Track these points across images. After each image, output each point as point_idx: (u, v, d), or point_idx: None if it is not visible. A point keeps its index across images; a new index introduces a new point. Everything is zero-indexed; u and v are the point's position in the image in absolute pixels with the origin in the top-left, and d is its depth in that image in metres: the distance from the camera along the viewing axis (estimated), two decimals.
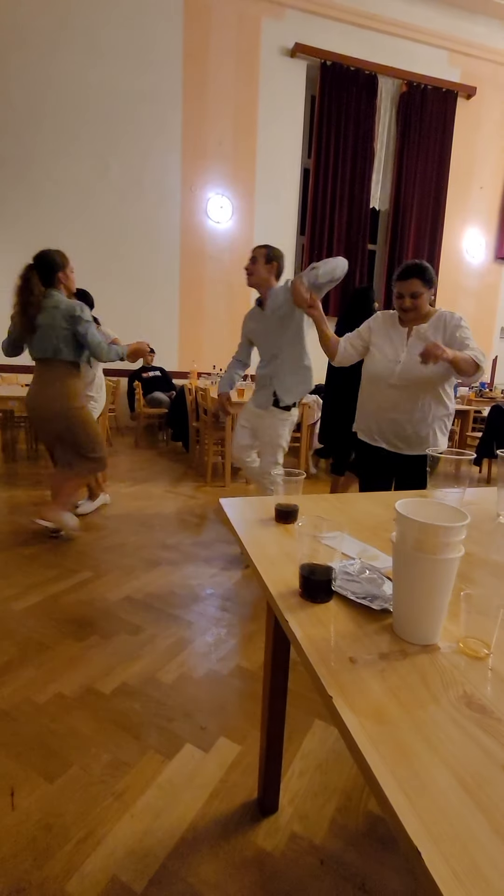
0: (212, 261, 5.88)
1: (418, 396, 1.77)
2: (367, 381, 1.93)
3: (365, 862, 1.01)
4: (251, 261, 2.29)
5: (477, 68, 6.42)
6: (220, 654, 1.68)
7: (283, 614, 0.62)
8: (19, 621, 1.83)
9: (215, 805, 1.12)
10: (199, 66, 5.48)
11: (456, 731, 0.43)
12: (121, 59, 5.22)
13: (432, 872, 0.30)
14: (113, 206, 5.46)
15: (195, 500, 3.43)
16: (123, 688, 1.49)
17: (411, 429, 1.80)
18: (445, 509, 0.62)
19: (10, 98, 5.01)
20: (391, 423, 1.83)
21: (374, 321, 1.95)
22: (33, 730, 1.31)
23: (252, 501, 1.07)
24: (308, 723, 1.38)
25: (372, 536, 0.91)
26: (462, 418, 4.53)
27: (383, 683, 0.49)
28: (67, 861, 0.98)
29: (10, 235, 5.16)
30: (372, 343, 1.91)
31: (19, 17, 4.90)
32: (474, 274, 7.01)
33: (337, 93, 5.83)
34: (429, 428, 1.80)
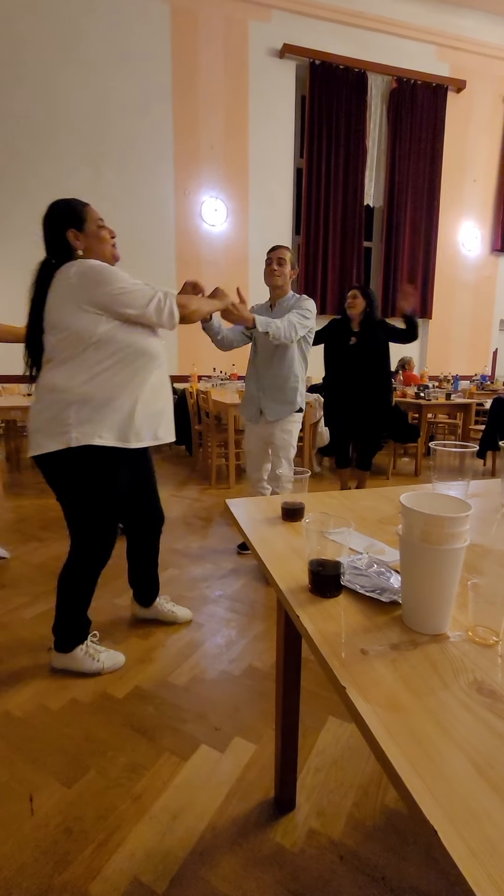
0: (208, 264, 5.90)
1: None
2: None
3: (384, 856, 1.01)
4: (278, 262, 2.25)
5: (466, 61, 6.43)
6: (232, 654, 1.69)
7: (294, 610, 0.63)
8: (30, 629, 1.84)
9: (233, 804, 1.12)
10: (189, 71, 5.51)
11: (468, 716, 0.43)
12: (110, 67, 5.26)
13: (449, 850, 0.31)
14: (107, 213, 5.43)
15: (200, 502, 3.44)
16: (137, 691, 1.50)
17: None
18: (449, 500, 0.62)
19: (3, 112, 5.05)
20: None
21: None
22: (49, 736, 1.32)
23: (258, 501, 1.08)
24: (322, 720, 1.38)
25: (378, 531, 0.92)
26: (464, 412, 4.53)
27: (395, 673, 0.50)
28: (89, 864, 0.99)
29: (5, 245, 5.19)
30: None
31: (9, 31, 4.95)
32: (471, 267, 7.01)
33: (327, 92, 5.85)
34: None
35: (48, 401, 1.43)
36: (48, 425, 1.42)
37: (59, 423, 1.41)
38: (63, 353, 1.42)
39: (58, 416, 1.41)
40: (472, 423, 4.51)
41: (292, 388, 2.28)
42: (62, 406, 1.41)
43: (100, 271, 1.38)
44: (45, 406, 1.43)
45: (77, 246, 1.46)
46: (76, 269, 1.37)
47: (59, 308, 1.39)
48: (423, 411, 4.27)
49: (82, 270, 1.38)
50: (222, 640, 1.78)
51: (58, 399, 1.41)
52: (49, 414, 1.42)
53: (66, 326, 1.39)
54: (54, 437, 1.41)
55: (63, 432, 1.41)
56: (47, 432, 1.42)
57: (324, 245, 6.14)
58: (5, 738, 1.31)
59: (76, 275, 1.37)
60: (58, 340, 1.41)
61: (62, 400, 1.41)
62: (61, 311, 1.38)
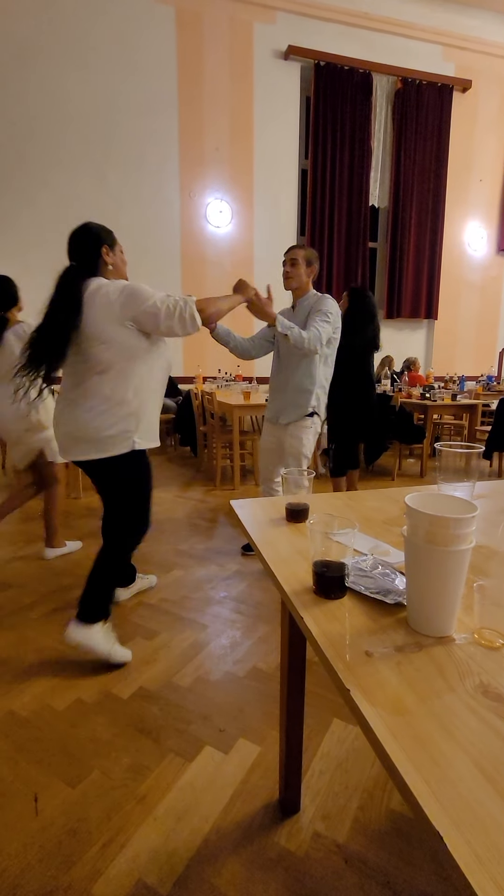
0: (213, 266, 5.91)
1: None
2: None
3: (389, 859, 1.00)
4: (291, 263, 2.17)
5: (471, 61, 6.40)
6: (236, 656, 1.69)
7: (298, 611, 0.62)
8: (36, 629, 1.85)
9: (237, 806, 1.12)
10: (194, 74, 5.53)
11: (473, 720, 0.43)
12: (115, 71, 5.29)
13: (455, 856, 0.30)
14: (113, 215, 5.52)
15: (205, 504, 3.44)
16: (141, 692, 1.50)
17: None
18: (455, 501, 0.62)
19: (9, 114, 5.09)
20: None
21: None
22: (54, 736, 1.32)
23: (263, 502, 1.07)
24: (327, 722, 1.37)
25: (383, 532, 0.91)
26: (470, 412, 4.50)
27: (400, 675, 0.50)
28: (93, 865, 0.99)
29: (10, 247, 5.23)
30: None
31: (15, 37, 4.99)
32: (477, 267, 6.97)
33: (332, 93, 5.85)
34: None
35: (104, 409, 1.56)
36: (105, 431, 1.55)
37: (121, 429, 1.57)
38: (114, 365, 1.54)
39: (117, 424, 1.56)
40: (478, 424, 4.48)
41: (307, 392, 2.19)
42: (123, 415, 1.57)
43: (137, 289, 1.52)
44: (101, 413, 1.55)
45: (108, 261, 1.63)
46: (119, 289, 1.52)
47: (102, 323, 1.50)
48: (428, 412, 4.24)
49: (126, 291, 1.51)
50: (227, 642, 1.77)
51: (115, 408, 1.56)
52: (107, 420, 1.55)
53: (110, 339, 1.51)
54: (117, 442, 1.57)
55: (126, 438, 1.58)
56: (105, 438, 1.56)
57: (328, 246, 6.13)
58: (10, 738, 1.31)
59: (120, 295, 1.50)
60: (104, 351, 1.52)
61: (121, 409, 1.56)
62: (105, 326, 1.50)
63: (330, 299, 2.17)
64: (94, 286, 1.53)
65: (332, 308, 2.14)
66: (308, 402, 2.20)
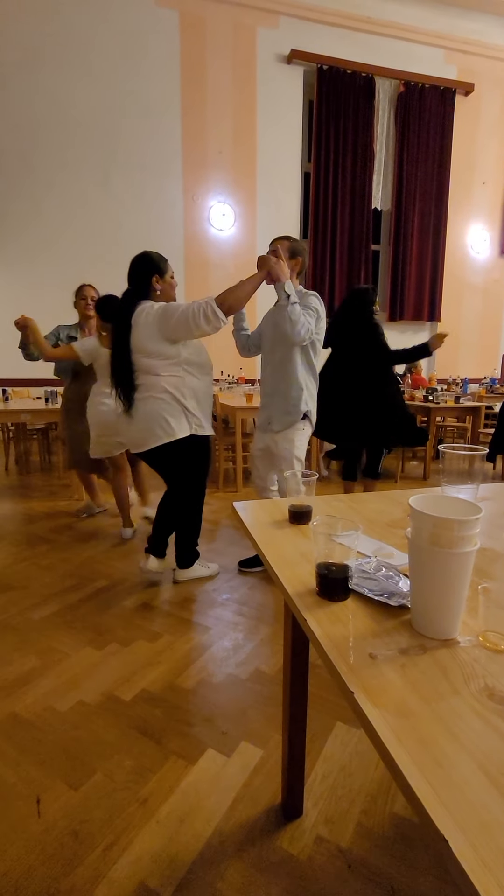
0: (216, 268, 5.93)
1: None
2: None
3: (393, 865, 1.00)
4: (272, 253, 2.06)
5: (474, 65, 6.42)
6: (239, 658, 1.68)
7: (302, 613, 0.62)
8: (39, 630, 1.85)
9: (240, 809, 1.12)
10: (197, 78, 5.56)
11: (479, 723, 0.43)
12: (119, 75, 5.32)
13: (460, 860, 0.30)
14: (117, 218, 5.55)
15: (208, 506, 3.42)
16: (144, 694, 1.50)
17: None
18: (459, 503, 0.62)
19: (14, 118, 5.13)
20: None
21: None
22: (56, 737, 1.32)
23: (265, 504, 1.07)
24: (329, 725, 1.37)
25: (386, 535, 0.91)
26: (474, 415, 4.50)
27: (404, 678, 0.49)
28: (95, 868, 0.99)
29: (15, 249, 5.26)
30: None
31: (20, 43, 5.03)
32: (479, 270, 6.97)
33: (334, 96, 5.87)
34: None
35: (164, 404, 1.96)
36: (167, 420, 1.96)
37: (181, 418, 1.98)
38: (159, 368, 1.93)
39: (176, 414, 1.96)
40: (481, 427, 4.47)
41: (295, 397, 2.11)
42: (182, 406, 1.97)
43: (166, 310, 1.86)
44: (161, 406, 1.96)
45: (156, 288, 1.96)
46: (151, 313, 1.87)
47: (144, 340, 1.88)
48: (431, 414, 4.24)
49: (156, 313, 1.87)
50: (229, 644, 1.77)
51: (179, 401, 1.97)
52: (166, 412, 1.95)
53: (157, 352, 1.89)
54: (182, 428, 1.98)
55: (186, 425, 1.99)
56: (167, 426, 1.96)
57: (331, 249, 6.14)
58: (13, 740, 1.31)
59: (153, 318, 1.86)
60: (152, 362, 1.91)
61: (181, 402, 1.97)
62: (146, 342, 1.88)
63: (314, 296, 2.06)
64: (139, 309, 1.89)
65: (318, 305, 2.04)
66: (298, 408, 2.12)
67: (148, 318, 1.86)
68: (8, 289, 5.24)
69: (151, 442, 1.97)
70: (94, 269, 5.22)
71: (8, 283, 5.25)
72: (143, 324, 1.87)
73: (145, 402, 1.95)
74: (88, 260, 5.25)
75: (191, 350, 1.96)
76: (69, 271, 2.20)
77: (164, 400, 1.94)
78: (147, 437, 1.97)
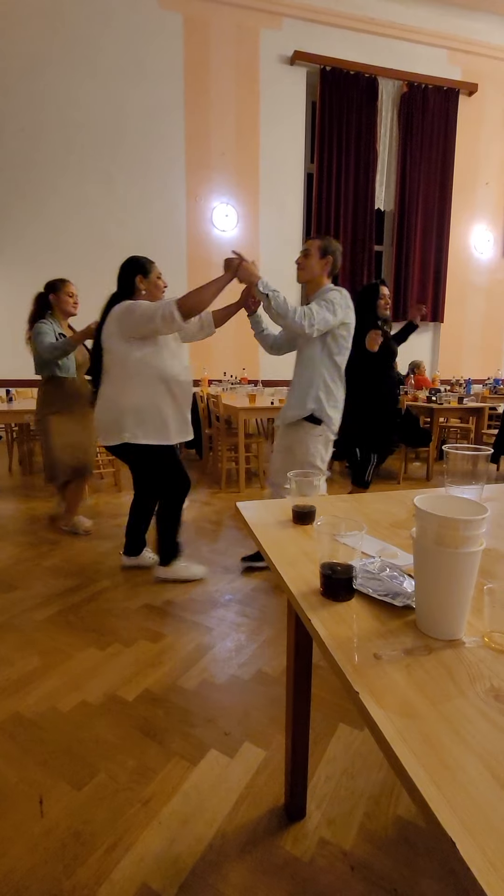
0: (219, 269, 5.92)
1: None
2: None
3: (396, 868, 0.99)
4: (303, 254, 2.06)
5: (477, 65, 6.41)
6: (241, 659, 1.68)
7: (306, 613, 0.62)
8: (42, 631, 1.85)
9: (242, 811, 1.11)
10: (201, 79, 5.58)
11: (485, 724, 0.42)
12: (123, 76, 5.34)
13: (468, 861, 0.30)
14: (120, 219, 5.57)
15: (211, 506, 3.44)
16: (146, 694, 1.49)
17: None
18: (464, 503, 0.61)
19: (18, 120, 5.16)
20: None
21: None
22: (59, 738, 1.32)
23: (269, 504, 1.07)
24: (333, 727, 1.36)
25: (391, 535, 0.91)
26: (477, 415, 4.48)
27: (409, 678, 0.49)
28: (97, 868, 0.98)
29: (18, 250, 5.28)
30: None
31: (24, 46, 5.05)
32: (483, 270, 6.96)
33: (337, 97, 5.87)
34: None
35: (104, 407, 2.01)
36: (108, 424, 2.00)
37: (115, 423, 1.97)
38: (111, 371, 1.96)
39: (116, 419, 1.96)
40: (484, 428, 4.46)
41: (304, 392, 2.04)
42: (119, 412, 1.96)
43: (128, 307, 1.89)
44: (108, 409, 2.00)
45: (141, 287, 2.00)
46: (119, 308, 1.90)
47: (107, 336, 1.93)
48: (434, 415, 4.23)
49: (120, 310, 1.89)
50: (232, 645, 1.77)
51: (115, 407, 1.97)
52: (111, 416, 1.98)
53: (112, 350, 1.92)
54: (114, 434, 1.98)
55: (118, 431, 1.97)
56: (108, 429, 2.00)
57: None
58: (16, 740, 1.31)
59: (118, 312, 1.90)
60: (109, 361, 1.96)
61: (118, 408, 1.96)
62: (108, 339, 1.93)
63: (336, 290, 1.99)
64: (116, 307, 1.91)
65: (335, 297, 1.95)
66: (304, 404, 2.03)
67: (114, 314, 1.91)
68: (10, 289, 5.26)
69: (101, 439, 2.08)
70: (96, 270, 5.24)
71: (10, 283, 5.28)
72: (109, 319, 1.92)
73: (98, 402, 2.04)
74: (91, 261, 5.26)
75: (149, 353, 1.92)
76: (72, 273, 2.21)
77: (105, 402, 2.01)
78: (98, 432, 2.10)
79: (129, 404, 1.95)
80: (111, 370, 1.97)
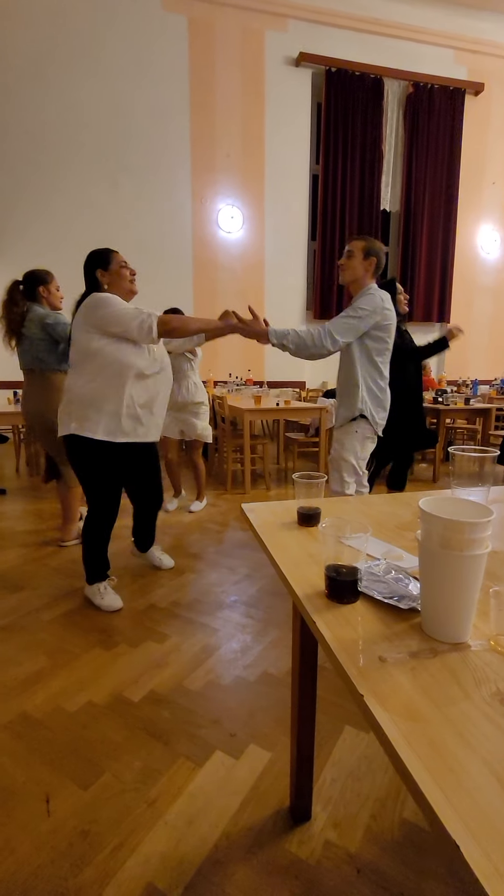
0: (224, 271, 5.94)
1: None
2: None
3: (402, 871, 0.99)
4: (346, 255, 2.03)
5: (484, 64, 6.38)
6: (247, 660, 1.68)
7: (311, 615, 0.62)
8: (49, 631, 1.86)
9: (248, 812, 1.11)
10: (206, 81, 5.59)
11: (490, 728, 0.42)
12: (129, 79, 5.37)
13: (472, 866, 0.30)
14: (125, 221, 5.59)
15: (216, 507, 3.44)
16: (152, 695, 1.50)
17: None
18: (470, 506, 0.61)
19: (23, 122, 5.20)
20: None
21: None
22: (66, 737, 1.33)
23: (274, 506, 1.07)
24: (338, 729, 1.36)
25: (396, 537, 0.90)
26: (484, 416, 4.45)
27: (414, 681, 0.49)
28: (104, 868, 0.99)
29: (22, 252, 5.31)
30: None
31: (29, 47, 5.09)
32: (490, 270, 6.91)
33: (343, 98, 5.87)
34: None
35: (64, 398, 1.91)
36: (60, 416, 1.90)
37: (65, 414, 1.88)
38: (73, 361, 1.88)
39: (65, 409, 1.88)
40: (491, 429, 4.43)
41: (350, 395, 2.04)
42: (67, 402, 1.87)
43: (100, 300, 1.79)
44: (63, 401, 1.90)
45: (103, 281, 1.89)
46: (87, 300, 1.81)
47: (75, 327, 1.85)
48: (441, 416, 4.21)
49: (89, 301, 1.81)
50: (237, 646, 1.77)
51: (67, 397, 1.88)
52: (62, 407, 1.89)
53: (75, 340, 1.85)
54: (63, 425, 1.88)
55: (67, 422, 1.86)
56: (60, 421, 1.90)
57: (340, 251, 6.12)
58: (23, 739, 1.32)
59: (85, 303, 1.81)
60: (72, 352, 1.88)
61: (68, 398, 1.87)
62: (76, 329, 1.84)
63: (369, 295, 1.97)
64: (87, 298, 1.83)
65: (365, 302, 1.94)
66: (354, 405, 2.03)
67: (84, 305, 1.81)
68: None
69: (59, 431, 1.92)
70: None
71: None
72: (79, 312, 1.84)
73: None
74: None
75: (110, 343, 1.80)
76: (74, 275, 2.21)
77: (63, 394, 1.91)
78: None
79: (79, 393, 1.83)
80: (73, 361, 1.87)
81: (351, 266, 2.02)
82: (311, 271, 6.31)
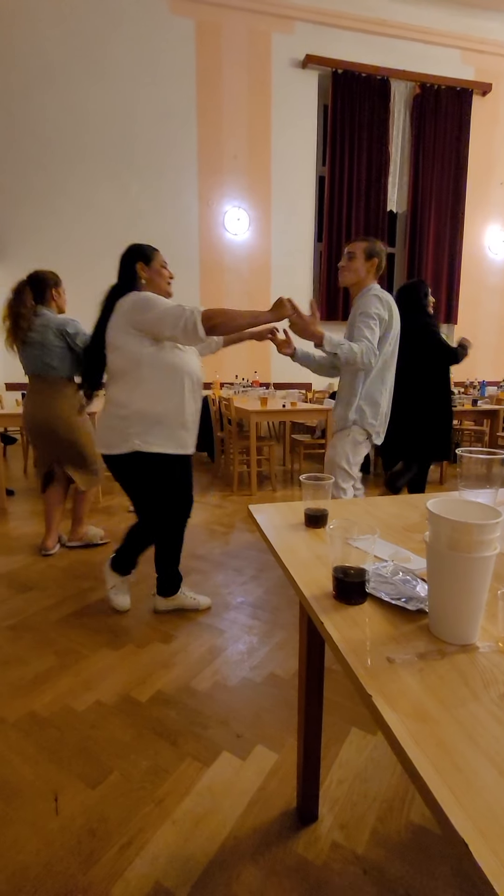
0: (230, 272, 5.97)
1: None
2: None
3: (409, 872, 0.99)
4: (347, 257, 2.01)
5: (491, 64, 6.36)
6: (253, 661, 1.69)
7: (319, 616, 0.63)
8: (58, 631, 1.88)
9: (255, 813, 1.12)
10: (213, 84, 5.62)
11: (499, 729, 0.42)
12: (136, 82, 5.41)
13: (481, 865, 0.30)
14: (131, 223, 5.63)
15: (222, 509, 3.45)
16: (159, 696, 1.51)
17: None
18: (478, 507, 0.61)
19: (31, 125, 5.26)
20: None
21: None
22: (74, 737, 1.34)
23: (281, 507, 1.08)
24: (345, 730, 1.36)
25: (403, 539, 0.90)
26: (492, 418, 4.43)
27: (422, 682, 0.49)
28: (112, 866, 1.00)
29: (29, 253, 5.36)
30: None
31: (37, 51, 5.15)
32: (497, 271, 6.88)
33: (349, 100, 5.87)
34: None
35: (110, 411, 1.74)
36: (111, 431, 1.73)
37: (119, 430, 1.71)
38: (120, 370, 1.70)
39: (119, 424, 1.71)
40: (499, 430, 4.40)
41: (348, 404, 2.04)
42: (122, 417, 1.70)
43: (145, 301, 1.64)
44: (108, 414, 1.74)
45: (142, 276, 1.77)
46: (130, 298, 1.66)
47: (114, 330, 1.67)
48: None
49: (134, 299, 1.65)
50: (244, 647, 1.77)
51: (120, 412, 1.71)
52: (112, 422, 1.72)
53: (119, 346, 1.67)
54: (119, 441, 1.71)
55: (125, 438, 1.70)
56: (111, 437, 1.73)
57: None
58: (32, 738, 1.34)
59: (129, 303, 1.65)
60: (114, 358, 1.70)
61: (123, 413, 1.70)
62: (116, 333, 1.67)
63: (373, 296, 1.94)
64: (122, 299, 1.68)
65: (373, 308, 1.91)
66: (347, 415, 2.04)
67: (124, 306, 1.65)
68: None
69: (102, 449, 1.77)
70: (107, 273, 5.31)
71: None
72: (118, 311, 1.66)
73: (103, 407, 1.78)
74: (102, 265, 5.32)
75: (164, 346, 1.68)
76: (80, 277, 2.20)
77: (111, 407, 1.73)
78: (99, 443, 1.79)
79: (140, 406, 1.68)
80: (119, 369, 1.70)
81: (353, 268, 2.01)
82: (317, 273, 6.32)
